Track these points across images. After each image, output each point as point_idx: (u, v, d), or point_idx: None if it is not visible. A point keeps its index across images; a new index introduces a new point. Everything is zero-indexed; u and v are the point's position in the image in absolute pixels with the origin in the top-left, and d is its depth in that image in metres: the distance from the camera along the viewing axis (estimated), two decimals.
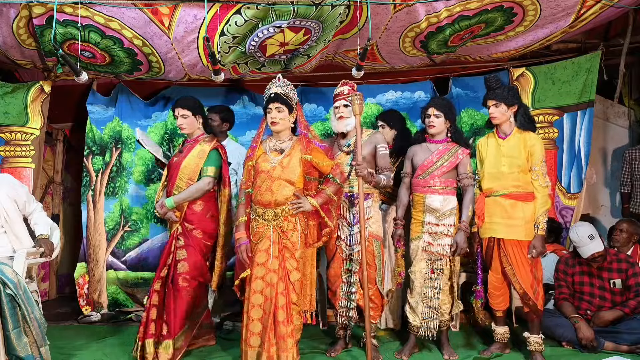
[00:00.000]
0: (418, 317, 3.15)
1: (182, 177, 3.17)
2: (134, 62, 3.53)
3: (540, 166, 2.99)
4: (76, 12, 3.00)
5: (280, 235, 2.84)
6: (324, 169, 2.96)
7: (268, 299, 2.76)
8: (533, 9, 3.28)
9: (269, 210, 2.84)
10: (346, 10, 3.17)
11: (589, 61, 3.95)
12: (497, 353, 3.17)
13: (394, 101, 4.38)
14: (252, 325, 2.77)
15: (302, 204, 2.85)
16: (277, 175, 2.85)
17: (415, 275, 3.15)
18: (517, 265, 2.98)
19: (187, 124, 3.22)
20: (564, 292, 3.48)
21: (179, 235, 3.16)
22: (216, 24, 3.06)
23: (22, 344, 2.59)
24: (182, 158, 3.21)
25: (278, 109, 2.87)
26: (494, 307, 3.15)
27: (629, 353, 3.18)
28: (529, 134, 3.04)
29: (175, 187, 3.17)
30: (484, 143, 3.19)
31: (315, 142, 2.96)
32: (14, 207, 3.00)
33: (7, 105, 3.81)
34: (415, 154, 3.25)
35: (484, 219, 3.09)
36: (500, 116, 3.05)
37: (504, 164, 3.03)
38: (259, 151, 2.96)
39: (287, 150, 2.91)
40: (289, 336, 2.74)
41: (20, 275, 2.74)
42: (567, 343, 3.35)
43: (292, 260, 2.84)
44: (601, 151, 4.68)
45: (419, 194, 3.18)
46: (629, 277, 3.37)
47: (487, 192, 3.10)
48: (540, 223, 2.96)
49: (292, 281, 2.82)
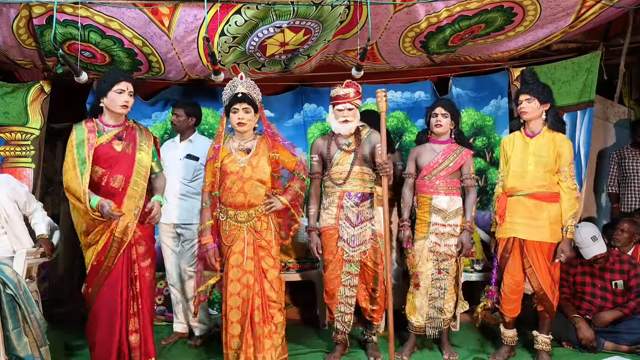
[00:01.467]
0: (422, 317, 3.14)
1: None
2: (134, 62, 3.53)
3: (568, 168, 2.96)
4: (76, 12, 3.00)
5: (255, 236, 2.82)
6: (289, 166, 2.96)
7: (245, 301, 2.76)
8: (533, 9, 3.28)
9: (242, 212, 2.81)
10: (346, 10, 3.16)
11: (589, 61, 3.95)
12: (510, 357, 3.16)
13: (394, 101, 4.38)
14: (231, 328, 2.77)
15: (274, 203, 2.85)
16: (248, 176, 2.81)
17: (421, 275, 3.13)
18: (538, 267, 2.95)
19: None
20: (565, 292, 3.48)
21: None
22: (216, 24, 3.06)
23: (22, 344, 2.59)
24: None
25: (246, 109, 2.82)
26: (505, 313, 3.08)
27: (629, 353, 3.18)
28: (559, 135, 3.00)
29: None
30: (510, 141, 3.13)
31: (279, 140, 2.95)
32: (14, 207, 3.00)
33: (7, 105, 3.80)
34: (420, 154, 3.24)
35: (505, 218, 3.04)
36: (531, 112, 2.99)
37: (530, 163, 2.98)
38: (223, 152, 2.88)
39: (253, 150, 2.88)
40: (266, 337, 2.75)
41: (20, 275, 2.74)
42: (567, 343, 3.35)
43: (269, 258, 2.83)
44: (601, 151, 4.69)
45: (425, 195, 3.17)
46: (630, 278, 3.37)
47: (510, 191, 3.04)
48: (569, 227, 2.93)
49: (270, 279, 2.81)
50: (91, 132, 2.74)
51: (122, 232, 2.69)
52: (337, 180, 3.09)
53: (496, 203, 3.11)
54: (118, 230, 2.68)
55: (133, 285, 2.74)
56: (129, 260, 2.73)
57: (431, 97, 4.33)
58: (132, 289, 2.74)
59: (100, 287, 2.70)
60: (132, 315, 2.73)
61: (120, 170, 2.73)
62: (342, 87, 3.07)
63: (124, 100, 2.74)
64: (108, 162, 2.72)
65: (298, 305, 4.23)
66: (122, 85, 2.74)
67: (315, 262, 3.93)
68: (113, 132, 2.78)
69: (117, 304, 2.68)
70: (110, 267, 2.69)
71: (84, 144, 2.68)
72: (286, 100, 4.39)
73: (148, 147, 2.85)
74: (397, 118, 4.37)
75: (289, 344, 3.40)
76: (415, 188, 3.25)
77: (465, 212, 3.15)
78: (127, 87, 2.75)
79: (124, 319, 2.70)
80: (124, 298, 2.70)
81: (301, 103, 4.36)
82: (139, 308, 2.75)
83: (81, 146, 2.68)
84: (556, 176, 2.99)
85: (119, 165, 2.73)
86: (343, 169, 3.09)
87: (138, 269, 2.75)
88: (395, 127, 4.35)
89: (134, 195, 2.73)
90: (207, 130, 4.26)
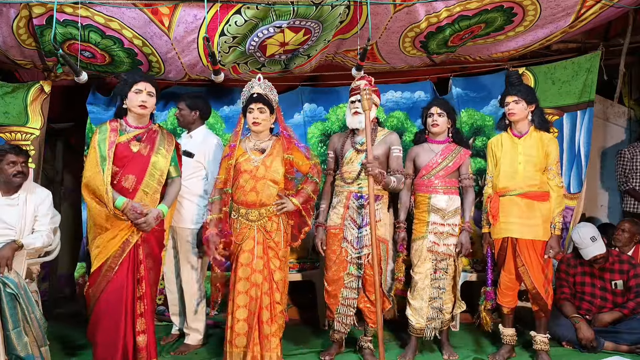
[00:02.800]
0: (423, 319, 3.13)
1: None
2: (134, 62, 3.53)
3: (555, 166, 3.01)
4: (76, 12, 3.00)
5: (265, 236, 2.83)
6: (304, 169, 2.98)
7: (253, 299, 2.77)
8: (533, 9, 3.28)
9: (253, 211, 2.83)
10: (346, 10, 3.16)
11: (588, 61, 3.95)
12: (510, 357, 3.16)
13: (394, 101, 4.37)
14: (237, 326, 2.77)
15: (286, 204, 2.85)
16: (261, 175, 2.84)
17: (420, 276, 3.12)
18: (530, 265, 2.97)
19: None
20: (565, 292, 3.48)
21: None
22: (216, 24, 3.06)
23: (23, 344, 2.59)
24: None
25: (260, 109, 2.86)
26: (503, 305, 3.12)
27: (629, 353, 3.18)
28: (545, 134, 3.05)
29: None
30: (497, 142, 3.16)
31: (295, 142, 2.96)
32: (33, 219, 3.09)
33: (7, 105, 3.80)
34: (418, 155, 3.24)
35: (499, 218, 3.06)
36: (519, 113, 3.04)
37: (520, 162, 3.02)
38: (239, 150, 2.92)
39: (268, 150, 2.90)
40: (273, 335, 2.77)
41: (21, 275, 2.75)
42: (567, 343, 3.35)
43: (276, 259, 2.85)
44: (601, 151, 4.68)
45: (423, 194, 3.17)
46: (630, 278, 3.37)
47: (502, 191, 3.07)
48: (557, 223, 2.97)
49: (276, 280, 2.83)
50: (113, 130, 2.76)
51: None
52: (347, 180, 3.09)
53: (488, 204, 3.12)
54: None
55: (139, 286, 2.73)
56: (135, 261, 2.72)
57: (431, 97, 4.31)
58: (139, 290, 2.73)
59: (103, 287, 2.68)
60: (139, 315, 2.72)
61: (133, 170, 2.74)
62: (356, 80, 3.11)
63: (142, 100, 2.77)
64: (122, 162, 2.73)
65: (298, 305, 4.22)
66: (140, 85, 2.78)
67: (315, 262, 3.92)
68: (133, 133, 2.80)
69: (122, 304, 2.67)
70: (113, 267, 2.67)
71: (106, 142, 2.71)
72: (286, 100, 4.38)
73: (167, 151, 2.85)
74: (397, 118, 4.37)
75: (289, 344, 3.42)
76: (413, 188, 3.25)
77: (464, 212, 3.15)
78: (145, 87, 2.79)
79: (129, 319, 2.68)
80: (129, 299, 2.69)
81: (301, 103, 4.36)
82: (145, 309, 2.74)
83: (103, 143, 2.71)
84: (545, 175, 3.01)
85: (132, 166, 2.74)
86: (353, 169, 3.08)
87: (144, 270, 2.74)
88: (395, 127, 4.34)
89: (144, 198, 2.74)
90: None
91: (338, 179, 3.17)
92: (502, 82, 4.18)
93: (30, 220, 3.07)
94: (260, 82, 2.92)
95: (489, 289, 3.17)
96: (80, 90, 3.94)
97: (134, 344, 2.69)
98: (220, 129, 4.25)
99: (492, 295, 3.15)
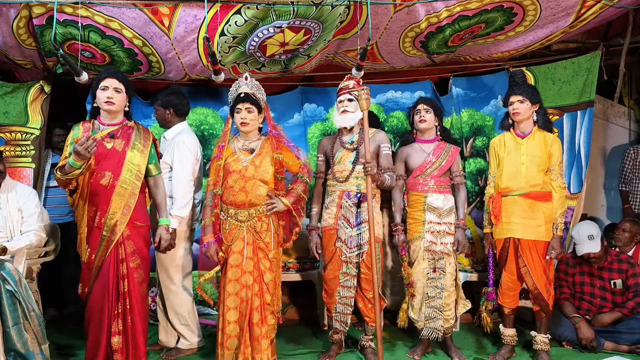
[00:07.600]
0: (421, 317, 3.14)
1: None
2: (134, 62, 3.53)
3: (558, 167, 3.01)
4: (76, 12, 3.00)
5: (254, 236, 2.81)
6: (293, 168, 2.96)
7: (244, 301, 2.76)
8: (533, 9, 3.28)
9: (242, 211, 2.81)
10: (346, 10, 3.16)
11: (589, 61, 3.95)
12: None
13: (394, 101, 4.37)
14: (228, 329, 2.75)
15: (276, 204, 2.84)
16: (250, 175, 2.82)
17: (417, 275, 3.13)
18: (533, 265, 2.97)
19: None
20: (564, 292, 3.48)
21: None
22: (216, 24, 3.06)
23: (23, 341, 2.59)
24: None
25: (248, 109, 2.85)
26: (504, 305, 3.11)
27: (629, 353, 3.18)
28: (549, 135, 3.05)
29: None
30: (500, 142, 3.16)
31: (284, 141, 2.95)
32: (20, 218, 3.07)
33: (7, 105, 3.81)
34: (410, 155, 3.24)
35: (501, 219, 3.05)
36: (524, 112, 3.03)
37: (523, 163, 3.01)
38: (228, 151, 2.90)
39: (257, 150, 2.88)
40: (264, 337, 2.75)
41: (21, 273, 2.75)
42: (567, 343, 3.35)
43: (266, 260, 2.83)
44: (601, 151, 4.68)
45: (418, 194, 3.17)
46: (629, 277, 3.37)
47: (504, 191, 3.06)
48: (559, 224, 2.98)
49: (266, 282, 2.81)
50: (86, 131, 2.79)
51: (110, 230, 2.69)
52: (340, 178, 3.09)
53: (490, 204, 3.12)
54: (106, 229, 2.69)
55: (122, 283, 2.71)
56: (116, 258, 2.71)
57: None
58: (122, 287, 2.71)
59: (92, 286, 2.70)
60: (116, 316, 2.69)
61: (108, 167, 2.74)
62: (344, 80, 3.14)
63: (107, 96, 2.74)
64: (97, 159, 2.73)
65: (298, 305, 4.22)
66: (106, 82, 2.76)
67: (315, 262, 3.92)
68: (106, 131, 2.80)
69: (105, 303, 2.68)
70: (99, 266, 2.69)
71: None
72: (286, 100, 4.38)
73: (144, 147, 2.84)
74: (397, 118, 4.36)
75: (289, 344, 3.42)
76: (406, 187, 3.25)
77: (458, 209, 3.16)
78: (110, 84, 2.76)
79: (112, 319, 2.69)
80: (111, 297, 2.68)
81: (301, 103, 4.35)
82: (126, 309, 2.71)
83: (74, 143, 2.71)
84: (547, 175, 3.00)
85: (106, 162, 2.74)
86: (345, 168, 3.09)
87: (126, 269, 2.71)
88: (395, 127, 4.34)
89: (123, 194, 2.73)
90: (207, 130, 4.26)
91: (330, 179, 3.17)
92: (503, 82, 4.21)
93: (17, 220, 3.04)
94: (247, 82, 2.90)
95: (490, 289, 3.16)
96: (80, 90, 3.93)
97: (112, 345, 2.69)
98: (220, 129, 4.25)
99: (493, 295, 3.15)
